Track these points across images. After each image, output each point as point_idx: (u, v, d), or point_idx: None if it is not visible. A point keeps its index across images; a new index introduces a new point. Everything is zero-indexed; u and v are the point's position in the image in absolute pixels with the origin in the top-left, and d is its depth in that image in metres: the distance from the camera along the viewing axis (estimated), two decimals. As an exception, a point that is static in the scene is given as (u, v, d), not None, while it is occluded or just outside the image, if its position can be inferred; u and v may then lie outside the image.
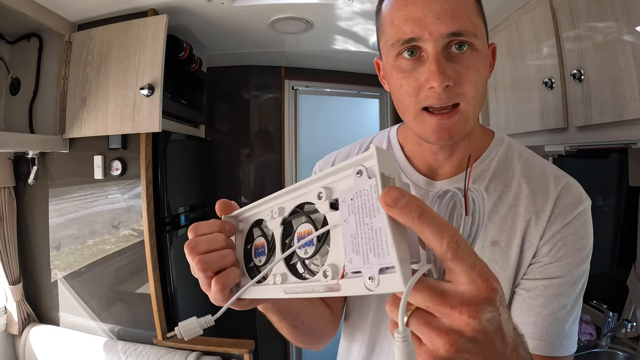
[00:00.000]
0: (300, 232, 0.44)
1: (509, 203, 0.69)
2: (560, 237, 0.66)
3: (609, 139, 1.29)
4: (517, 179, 0.70)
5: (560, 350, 0.65)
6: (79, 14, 1.78)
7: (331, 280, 0.40)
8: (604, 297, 1.75)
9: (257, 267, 0.52)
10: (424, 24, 0.58)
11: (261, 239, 0.51)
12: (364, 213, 0.36)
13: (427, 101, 0.61)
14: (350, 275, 0.38)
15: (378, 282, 0.35)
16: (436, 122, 0.61)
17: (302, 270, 0.45)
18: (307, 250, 0.43)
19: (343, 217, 0.38)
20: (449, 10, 0.58)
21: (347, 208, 0.38)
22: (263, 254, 0.51)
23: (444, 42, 0.59)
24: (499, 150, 0.74)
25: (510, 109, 1.81)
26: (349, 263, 0.37)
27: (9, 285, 1.85)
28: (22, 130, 1.82)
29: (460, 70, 0.60)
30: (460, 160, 0.72)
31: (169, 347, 1.78)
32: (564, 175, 0.72)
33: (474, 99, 0.62)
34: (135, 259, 1.83)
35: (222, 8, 1.71)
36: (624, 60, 1.15)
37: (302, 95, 2.84)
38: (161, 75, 1.63)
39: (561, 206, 0.67)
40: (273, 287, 0.47)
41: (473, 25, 0.60)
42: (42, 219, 1.94)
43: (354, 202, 0.37)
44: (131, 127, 1.66)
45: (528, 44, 1.62)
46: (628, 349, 1.61)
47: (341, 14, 1.79)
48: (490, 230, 0.68)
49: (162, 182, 1.86)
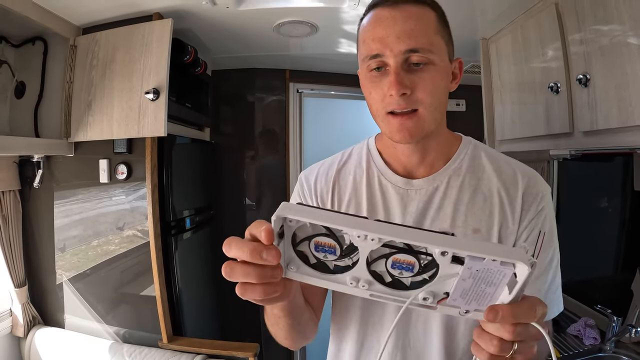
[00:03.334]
0: (397, 258, 0.49)
1: (484, 194, 0.79)
2: (536, 222, 0.77)
3: (615, 144, 1.29)
4: (487, 174, 0.80)
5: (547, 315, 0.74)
6: (83, 17, 1.78)
7: (430, 302, 0.49)
8: (608, 301, 1.75)
9: (322, 262, 0.52)
10: (386, 42, 0.70)
11: (330, 240, 0.50)
12: (483, 282, 0.45)
13: (390, 107, 0.72)
14: (447, 305, 0.49)
15: (472, 314, 0.49)
16: (398, 123, 0.72)
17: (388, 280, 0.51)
18: (402, 273, 0.49)
19: (462, 276, 0.45)
20: (408, 31, 0.69)
21: (469, 273, 0.45)
22: (332, 253, 0.51)
23: (403, 57, 0.70)
24: (468, 150, 0.84)
25: (516, 112, 1.81)
26: (452, 300, 0.48)
27: (14, 288, 1.86)
28: (27, 133, 1.82)
29: (417, 81, 0.70)
30: (432, 161, 0.82)
31: (174, 350, 1.78)
32: (527, 168, 0.83)
33: (431, 106, 0.72)
34: (140, 261, 1.84)
35: (227, 12, 1.71)
36: (630, 65, 1.16)
37: (307, 98, 2.84)
38: (166, 80, 1.63)
39: (531, 195, 0.77)
40: (355, 289, 0.51)
41: (430, 43, 0.70)
42: (47, 222, 1.94)
43: (478, 272, 0.44)
44: (136, 131, 1.66)
45: (534, 47, 1.62)
46: (632, 354, 1.61)
47: (346, 18, 1.79)
48: (470, 219, 0.77)
49: (168, 186, 1.86)
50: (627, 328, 1.61)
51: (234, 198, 2.69)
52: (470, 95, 2.85)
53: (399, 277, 0.50)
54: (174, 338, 1.85)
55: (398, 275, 0.49)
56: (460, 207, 0.78)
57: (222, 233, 2.61)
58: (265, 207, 2.68)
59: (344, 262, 0.51)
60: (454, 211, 0.78)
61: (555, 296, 0.80)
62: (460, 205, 0.78)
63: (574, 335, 1.80)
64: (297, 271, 0.53)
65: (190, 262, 2.14)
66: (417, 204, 0.80)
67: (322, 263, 0.52)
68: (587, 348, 1.70)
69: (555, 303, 0.80)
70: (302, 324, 0.77)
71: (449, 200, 0.79)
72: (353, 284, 0.51)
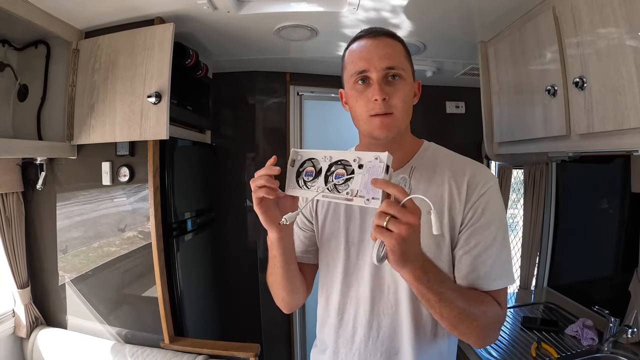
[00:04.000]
0: (338, 172, 0.86)
1: (437, 183, 0.98)
2: (479, 203, 0.94)
3: (611, 147, 1.30)
4: (441, 167, 1.00)
5: (492, 285, 0.94)
6: (86, 21, 1.80)
7: (350, 196, 0.81)
8: (606, 302, 1.77)
9: (305, 182, 0.91)
10: (370, 61, 0.93)
11: (311, 168, 0.91)
12: (373, 174, 0.78)
13: (373, 111, 0.94)
14: (358, 197, 0.80)
15: (370, 202, 0.78)
16: (379, 121, 0.94)
17: (331, 188, 0.86)
18: (338, 181, 0.85)
19: (362, 172, 0.80)
20: (387, 54, 0.93)
21: (366, 170, 0.80)
22: (311, 175, 0.90)
23: (384, 73, 0.93)
24: (427, 151, 1.06)
25: (514, 115, 1.83)
26: (360, 191, 0.80)
27: (17, 289, 1.88)
28: (30, 136, 1.84)
29: (393, 91, 0.93)
30: (399, 159, 1.03)
31: (176, 351, 1.80)
32: (476, 163, 1.02)
33: (402, 109, 0.94)
34: (142, 262, 1.85)
35: (228, 16, 1.73)
36: (626, 69, 1.17)
37: (307, 101, 2.86)
38: (168, 83, 1.64)
39: (475, 182, 0.96)
40: (314, 193, 0.88)
41: (402, 64, 0.95)
42: (49, 223, 1.96)
43: (370, 169, 0.79)
44: (139, 135, 1.68)
45: (531, 50, 1.64)
46: (630, 354, 1.63)
47: (346, 22, 1.81)
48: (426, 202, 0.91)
49: (169, 188, 1.88)
50: (624, 329, 1.62)
51: (235, 200, 2.70)
52: (470, 97, 2.88)
53: (336, 184, 0.85)
54: (176, 338, 1.86)
55: (335, 181, 0.85)
56: (418, 194, 0.94)
57: (223, 235, 2.63)
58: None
59: (317, 181, 0.89)
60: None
61: (504, 269, 0.95)
62: (418, 192, 0.96)
63: (571, 336, 1.82)
64: (292, 188, 0.92)
65: (191, 263, 2.16)
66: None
67: (306, 183, 0.91)
68: (585, 348, 1.72)
69: (504, 275, 0.95)
70: (292, 277, 1.06)
71: (410, 189, 0.99)
72: (315, 189, 0.88)
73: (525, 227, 2.39)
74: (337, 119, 2.90)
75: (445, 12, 1.73)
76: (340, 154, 0.87)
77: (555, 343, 1.78)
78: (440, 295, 0.82)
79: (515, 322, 2.02)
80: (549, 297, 2.27)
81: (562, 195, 2.33)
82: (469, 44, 2.09)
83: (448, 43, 2.12)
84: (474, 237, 0.94)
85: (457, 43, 2.11)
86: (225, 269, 2.63)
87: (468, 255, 0.94)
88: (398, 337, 1.00)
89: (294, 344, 2.82)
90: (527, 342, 1.80)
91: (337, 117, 2.99)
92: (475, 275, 0.93)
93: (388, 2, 1.63)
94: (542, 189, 2.30)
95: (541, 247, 2.36)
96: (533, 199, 2.33)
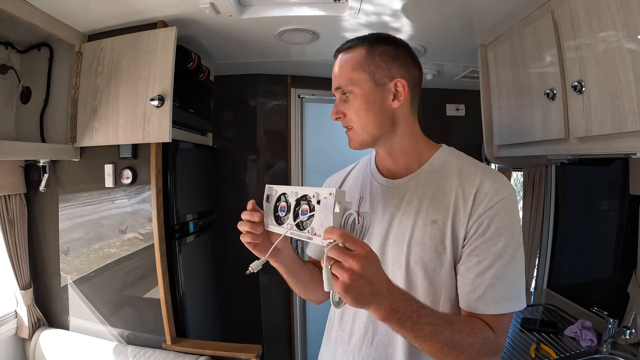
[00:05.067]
0: (303, 208, 0.88)
1: (445, 192, 0.93)
2: (486, 217, 0.87)
3: (610, 150, 1.31)
4: (452, 175, 0.95)
5: (491, 309, 0.86)
6: (89, 24, 1.81)
7: (310, 234, 0.83)
8: (605, 303, 1.78)
9: (280, 218, 0.94)
10: (332, 83, 0.99)
11: (284, 203, 0.93)
12: (327, 211, 0.79)
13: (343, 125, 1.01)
14: (316, 236, 0.81)
15: (326, 242, 0.73)
16: (347, 135, 1.00)
17: (300, 226, 0.88)
18: (303, 217, 0.86)
19: (319, 209, 0.82)
20: (335, 75, 0.98)
21: (322, 207, 0.81)
22: (284, 211, 0.93)
23: (338, 94, 0.99)
24: (441, 156, 1.01)
25: (514, 118, 1.84)
26: (317, 230, 0.82)
27: (19, 290, 1.88)
28: (32, 138, 1.85)
29: (346, 107, 0.97)
30: (407, 164, 1.02)
31: (178, 352, 1.81)
32: (492, 172, 0.95)
33: (359, 123, 0.97)
34: (143, 264, 1.86)
35: (230, 20, 1.74)
36: (624, 73, 1.18)
37: (308, 103, 2.88)
38: (171, 87, 1.65)
39: (483, 193, 0.89)
40: (285, 229, 0.90)
41: (347, 80, 0.96)
42: (52, 225, 1.97)
43: (325, 206, 0.80)
44: (141, 137, 1.69)
45: (530, 54, 1.65)
46: (628, 355, 1.63)
47: (347, 26, 1.82)
48: (431, 212, 0.93)
49: (172, 190, 1.89)
50: (622, 330, 1.63)
51: (236, 202, 2.70)
52: (470, 100, 2.89)
53: (302, 220, 0.87)
54: (178, 340, 1.87)
55: (302, 218, 0.86)
56: (424, 202, 0.94)
57: (225, 237, 2.64)
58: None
59: (288, 217, 0.91)
60: (419, 205, 0.94)
61: (508, 292, 0.86)
62: (425, 201, 0.94)
63: (570, 337, 1.83)
64: (270, 224, 0.95)
65: (193, 264, 2.17)
66: (394, 199, 0.99)
67: (280, 218, 0.94)
68: (583, 350, 1.72)
69: (507, 298, 0.86)
70: (305, 283, 1.13)
71: (417, 196, 0.96)
72: (286, 225, 0.91)
73: (525, 229, 2.40)
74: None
75: (445, 16, 1.75)
76: (304, 190, 0.89)
77: (554, 344, 1.79)
78: (414, 333, 0.76)
79: (514, 324, 2.03)
80: (548, 299, 2.28)
81: (562, 198, 2.34)
82: (469, 48, 2.10)
83: (448, 46, 2.14)
84: (476, 253, 0.88)
85: (457, 46, 2.12)
86: (226, 271, 2.64)
87: (469, 272, 0.88)
88: (392, 345, 0.97)
89: (295, 344, 2.82)
90: (527, 344, 1.80)
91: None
92: (474, 296, 0.87)
93: (389, 7, 1.65)
94: (541, 191, 2.31)
95: (540, 248, 2.37)
96: (532, 201, 2.34)
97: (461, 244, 0.90)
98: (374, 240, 0.98)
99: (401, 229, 0.95)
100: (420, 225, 0.92)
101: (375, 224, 1.00)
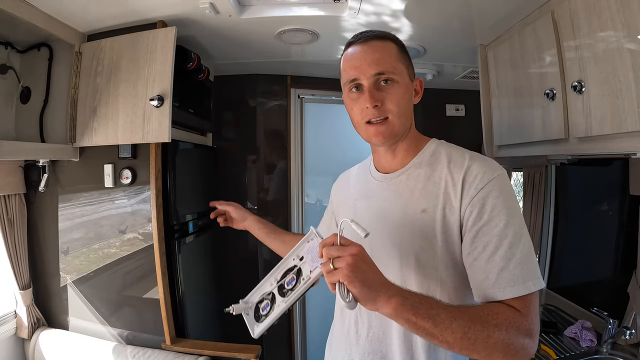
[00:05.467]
0: (287, 280, 0.94)
1: (434, 181, 0.95)
2: (478, 199, 0.86)
3: (609, 150, 1.31)
4: (441, 164, 0.96)
5: (509, 292, 0.81)
6: (88, 24, 1.81)
7: (307, 279, 0.89)
8: (605, 304, 1.78)
9: (267, 314, 0.99)
10: (360, 69, 0.94)
11: (266, 301, 1.00)
12: (315, 249, 0.88)
13: (367, 117, 0.95)
14: (314, 272, 0.88)
15: (316, 273, 0.86)
16: (375, 129, 0.95)
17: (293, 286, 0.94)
18: (292, 284, 0.93)
19: (306, 258, 0.92)
20: (375, 59, 0.93)
21: (308, 253, 0.92)
22: (268, 306, 0.98)
23: (374, 79, 0.93)
24: (430, 148, 1.03)
25: (513, 118, 1.84)
26: (312, 268, 0.89)
27: (19, 290, 1.88)
28: (32, 138, 1.84)
29: (385, 96, 0.93)
30: (402, 158, 1.04)
31: (178, 352, 1.80)
32: (479, 157, 0.95)
33: (398, 114, 0.94)
34: (143, 264, 1.86)
35: (230, 20, 1.74)
36: (623, 73, 1.18)
37: (308, 103, 2.88)
38: (170, 87, 1.65)
39: (471, 176, 0.89)
40: (279, 311, 0.95)
41: (392, 67, 0.94)
42: (51, 225, 1.96)
43: (310, 250, 0.91)
44: (141, 137, 1.68)
45: (530, 54, 1.65)
46: (628, 355, 1.63)
47: (346, 26, 1.82)
48: (421, 201, 0.94)
49: (171, 191, 1.89)
50: (622, 330, 1.63)
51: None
52: (470, 100, 2.89)
53: (293, 285, 0.93)
54: (177, 340, 1.87)
55: (289, 287, 0.94)
56: (415, 193, 0.97)
57: (225, 237, 2.63)
58: (266, 210, 2.71)
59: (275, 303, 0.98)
60: (410, 196, 0.97)
61: (523, 271, 0.81)
62: (416, 191, 0.97)
63: (570, 338, 1.83)
64: (257, 330, 1.02)
65: (193, 265, 2.16)
66: (389, 192, 1.03)
67: (267, 314, 0.99)
68: (583, 350, 1.72)
69: (525, 278, 0.81)
70: (274, 248, 1.45)
71: (408, 188, 0.99)
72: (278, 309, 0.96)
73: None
74: (337, 122, 2.92)
75: (445, 16, 1.75)
76: (282, 268, 0.98)
77: (554, 344, 1.79)
78: (433, 319, 0.73)
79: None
80: (548, 299, 2.28)
81: (561, 198, 2.34)
82: (469, 48, 2.11)
83: (448, 47, 2.14)
84: (480, 239, 0.85)
85: (457, 47, 2.12)
86: (226, 271, 2.64)
87: (478, 261, 0.84)
88: (387, 340, 0.97)
89: (294, 345, 2.82)
90: (527, 344, 1.80)
91: (337, 119, 3.01)
92: (488, 283, 0.82)
93: (388, 7, 1.65)
94: (541, 191, 2.31)
95: (540, 249, 2.37)
96: (532, 201, 2.34)
97: (456, 232, 0.89)
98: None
99: (394, 221, 0.98)
100: (410, 215, 0.95)
101: (370, 217, 1.04)
